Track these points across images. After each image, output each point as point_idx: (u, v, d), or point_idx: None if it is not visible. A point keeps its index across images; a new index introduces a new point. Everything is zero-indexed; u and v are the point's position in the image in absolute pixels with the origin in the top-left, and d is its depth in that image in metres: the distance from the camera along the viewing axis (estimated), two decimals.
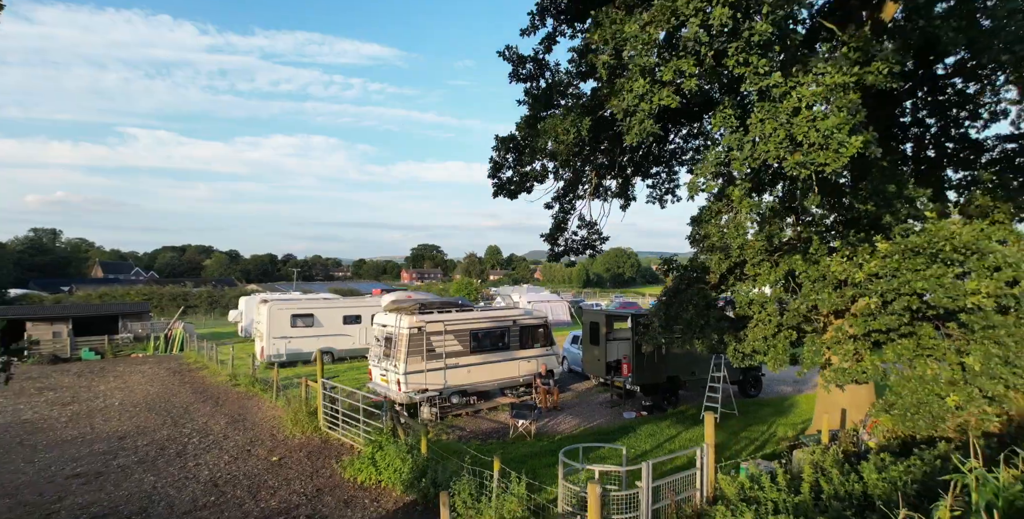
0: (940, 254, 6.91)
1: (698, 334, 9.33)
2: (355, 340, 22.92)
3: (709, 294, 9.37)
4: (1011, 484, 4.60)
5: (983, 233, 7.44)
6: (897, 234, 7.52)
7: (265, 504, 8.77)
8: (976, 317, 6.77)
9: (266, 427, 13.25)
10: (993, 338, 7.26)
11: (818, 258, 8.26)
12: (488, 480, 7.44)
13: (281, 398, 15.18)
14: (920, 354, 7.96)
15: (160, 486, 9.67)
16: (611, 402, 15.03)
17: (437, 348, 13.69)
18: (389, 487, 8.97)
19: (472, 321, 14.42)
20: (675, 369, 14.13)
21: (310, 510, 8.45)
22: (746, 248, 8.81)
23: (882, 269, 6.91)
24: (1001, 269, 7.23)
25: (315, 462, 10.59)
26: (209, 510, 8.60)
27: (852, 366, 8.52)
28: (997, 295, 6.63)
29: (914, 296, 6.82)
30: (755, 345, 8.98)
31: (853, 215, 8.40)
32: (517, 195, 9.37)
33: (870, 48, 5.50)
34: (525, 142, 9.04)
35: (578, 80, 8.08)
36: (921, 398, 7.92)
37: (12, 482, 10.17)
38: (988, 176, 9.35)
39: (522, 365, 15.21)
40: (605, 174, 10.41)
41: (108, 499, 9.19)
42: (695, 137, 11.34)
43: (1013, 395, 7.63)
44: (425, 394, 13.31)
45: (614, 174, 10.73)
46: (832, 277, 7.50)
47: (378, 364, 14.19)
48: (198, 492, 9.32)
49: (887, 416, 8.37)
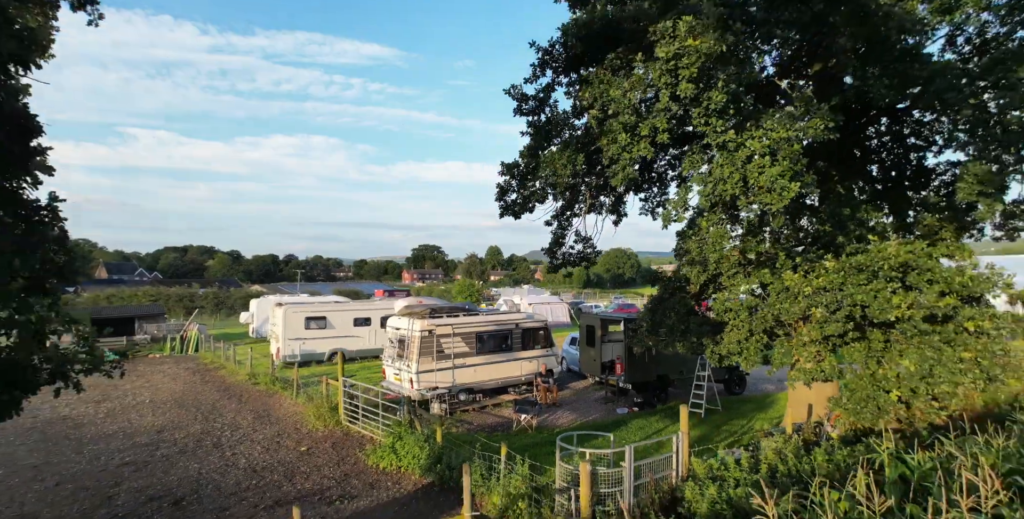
0: (880, 271, 8.15)
1: (680, 337, 10.57)
2: (365, 341, 24.18)
3: (689, 302, 10.63)
4: (924, 463, 5.88)
5: (923, 251, 8.70)
6: (846, 253, 8.75)
7: (300, 486, 10.01)
8: (906, 325, 8.01)
9: (290, 421, 14.50)
10: (929, 343, 8.51)
11: (782, 272, 9.50)
12: (496, 464, 8.68)
13: (302, 395, 16.43)
14: (870, 356, 9.21)
15: (205, 472, 10.92)
16: (605, 399, 16.29)
17: (446, 349, 14.94)
18: (408, 471, 10.23)
19: (478, 324, 15.67)
20: (664, 369, 15.38)
21: (340, 491, 9.70)
22: (722, 262, 10.05)
23: (829, 284, 8.15)
24: (936, 282, 8.50)
25: (340, 452, 11.85)
26: (252, 492, 9.85)
27: (813, 366, 9.77)
28: (928, 306, 7.87)
29: (856, 307, 8.06)
30: (730, 347, 10.20)
31: (814, 235, 9.64)
32: (521, 215, 10.61)
33: (810, 107, 6.71)
34: (527, 169, 10.29)
35: (573, 118, 9.31)
36: (869, 393, 9.16)
37: (69, 470, 11.42)
38: (936, 199, 10.58)
39: (524, 365, 16.46)
40: (599, 194, 11.65)
41: (160, 483, 10.44)
42: (681, 159, 12.58)
43: (962, 391, 8.87)
44: (436, 391, 14.56)
45: (607, 193, 11.96)
46: (792, 289, 8.75)
47: (392, 364, 15.44)
48: (240, 477, 10.58)
49: (841, 409, 9.62)
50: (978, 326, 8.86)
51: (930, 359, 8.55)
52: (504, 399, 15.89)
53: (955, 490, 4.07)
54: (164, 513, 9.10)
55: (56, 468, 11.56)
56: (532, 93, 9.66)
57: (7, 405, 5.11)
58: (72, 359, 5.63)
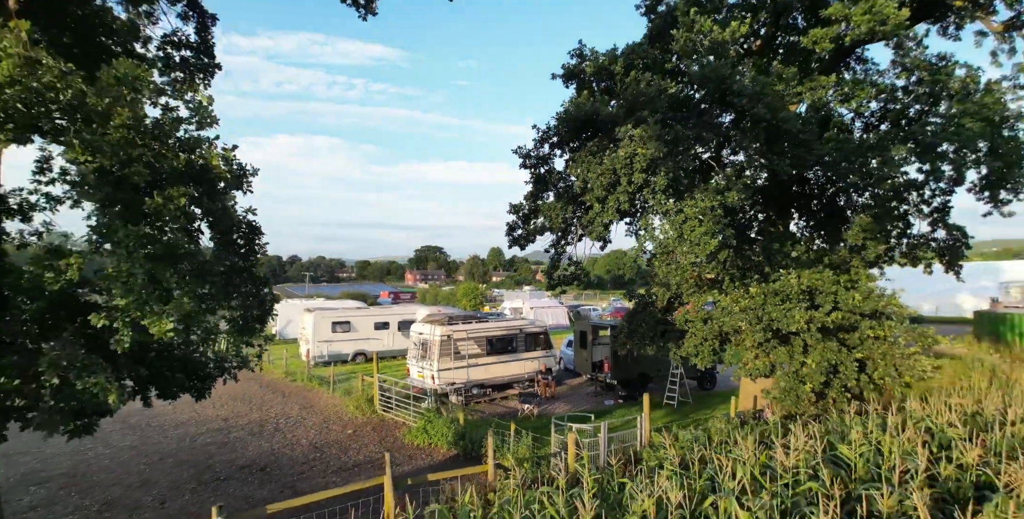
0: (791, 294, 11.02)
1: (650, 342, 13.46)
2: (384, 343, 27.09)
3: (657, 315, 13.50)
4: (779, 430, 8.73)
5: (829, 278, 11.57)
6: (771, 280, 11.61)
7: (354, 458, 12.91)
8: (805, 335, 10.87)
9: (332, 411, 17.40)
10: (829, 348, 11.37)
11: (727, 292, 12.37)
12: (507, 438, 11.56)
13: (338, 390, 19.35)
14: (791, 357, 12.07)
15: (276, 449, 13.83)
16: (595, 393, 19.18)
17: (462, 351, 17.83)
18: (437, 447, 13.12)
19: (488, 330, 18.57)
20: (644, 368, 18.26)
21: (361, 482, 12.57)
22: (683, 284, 12.93)
23: (752, 304, 11.01)
24: (836, 302, 11.37)
25: (379, 433, 14.75)
26: (317, 462, 12.75)
27: (751, 365, 12.63)
28: (820, 320, 10.73)
29: (772, 321, 10.92)
30: (688, 350, 13.06)
31: (752, 263, 12.52)
32: (526, 246, 13.51)
33: (730, 183, 9.53)
34: (530, 210, 13.19)
35: (565, 175, 12.13)
36: (791, 386, 12.03)
37: (164, 449, 14.33)
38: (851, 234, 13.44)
39: (527, 364, 19.35)
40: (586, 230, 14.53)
41: (243, 457, 13.35)
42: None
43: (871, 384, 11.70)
44: (453, 386, 17.45)
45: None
46: (728, 308, 11.61)
47: (416, 363, 18.34)
48: (305, 451, 13.49)
49: (772, 398, 12.48)
50: (877, 334, 11.78)
51: (832, 359, 11.42)
52: (510, 393, 18.79)
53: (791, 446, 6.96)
54: (256, 477, 12.00)
55: (153, 448, 14.47)
56: (534, 154, 12.56)
57: (200, 390, 7.99)
58: (228, 358, 8.51)
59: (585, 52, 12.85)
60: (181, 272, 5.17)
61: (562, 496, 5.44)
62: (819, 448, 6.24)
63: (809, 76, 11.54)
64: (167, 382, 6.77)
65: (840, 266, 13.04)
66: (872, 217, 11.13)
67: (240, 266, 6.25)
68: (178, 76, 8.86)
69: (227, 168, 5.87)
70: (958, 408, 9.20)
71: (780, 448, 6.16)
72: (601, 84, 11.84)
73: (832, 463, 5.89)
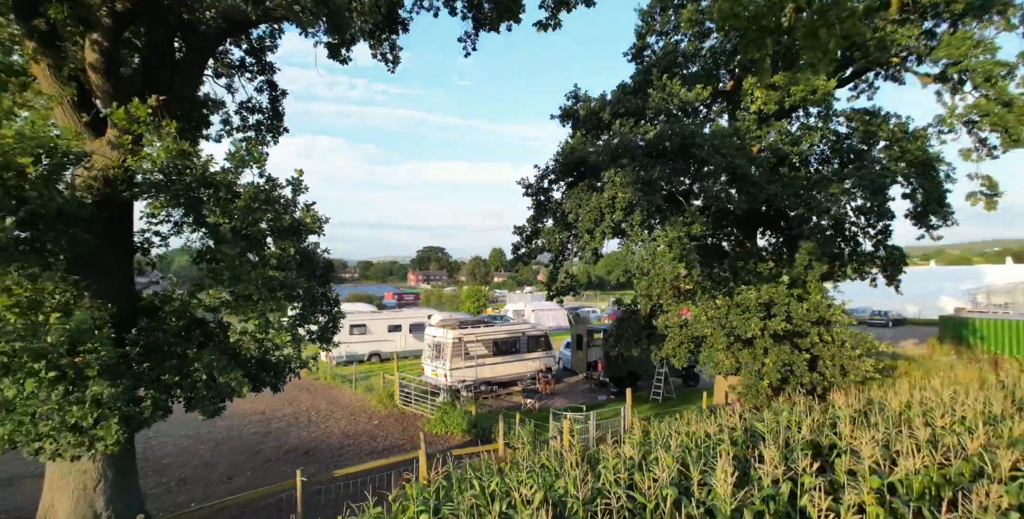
0: (750, 306, 13.25)
1: (635, 345, 15.70)
2: (396, 345, 29.34)
3: (641, 321, 15.74)
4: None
5: (784, 292, 13.79)
6: (736, 294, 13.83)
7: (382, 444, 15.17)
8: (760, 340, 13.09)
9: (357, 406, 19.66)
10: (784, 351, 13.58)
11: (699, 303, 14.60)
12: (513, 426, 13.79)
13: (359, 386, 21.61)
14: (753, 358, 14.30)
15: (314, 436, 16.09)
16: (590, 389, 21.43)
17: (471, 352, 20.07)
18: (453, 434, 15.37)
19: (494, 333, 20.81)
20: (633, 367, 20.49)
21: (410, 446, 14.83)
22: (662, 295, 15.16)
23: (717, 314, 13.24)
24: (791, 312, 13.59)
25: (402, 424, 17.01)
26: (351, 447, 15.00)
27: (721, 364, 14.87)
28: (772, 328, 12.95)
29: (733, 328, 13.14)
30: (667, 351, 15.31)
31: (720, 279, 14.75)
32: (530, 262, 15.75)
33: (695, 217, 11.72)
34: (531, 232, 15.44)
35: (562, 203, 14.34)
36: (752, 382, 14.26)
37: (216, 438, 16.59)
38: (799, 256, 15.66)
39: (529, 364, 21.58)
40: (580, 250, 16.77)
41: (287, 443, 15.61)
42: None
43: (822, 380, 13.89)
44: (463, 383, 19.69)
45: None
46: (698, 317, 13.84)
47: (430, 363, 20.59)
48: (339, 439, 15.75)
49: (737, 393, 14.71)
50: (824, 339, 14.04)
51: (786, 360, 13.66)
52: (514, 389, 21.03)
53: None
54: (301, 459, 14.26)
55: (206, 436, 16.73)
56: (536, 186, 14.81)
57: (275, 386, 10.21)
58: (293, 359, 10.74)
59: (580, 94, 15.12)
60: (291, 298, 7.43)
61: (556, 458, 7.67)
62: (743, 426, 8.47)
63: (767, 122, 13.79)
64: (260, 379, 9.01)
65: (797, 281, 15.29)
66: (816, 242, 13.35)
67: (321, 293, 8.50)
68: (250, 135, 11.12)
69: (313, 222, 8.13)
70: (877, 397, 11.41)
71: (714, 425, 8.39)
72: (591, 130, 14.10)
73: (749, 434, 8.11)
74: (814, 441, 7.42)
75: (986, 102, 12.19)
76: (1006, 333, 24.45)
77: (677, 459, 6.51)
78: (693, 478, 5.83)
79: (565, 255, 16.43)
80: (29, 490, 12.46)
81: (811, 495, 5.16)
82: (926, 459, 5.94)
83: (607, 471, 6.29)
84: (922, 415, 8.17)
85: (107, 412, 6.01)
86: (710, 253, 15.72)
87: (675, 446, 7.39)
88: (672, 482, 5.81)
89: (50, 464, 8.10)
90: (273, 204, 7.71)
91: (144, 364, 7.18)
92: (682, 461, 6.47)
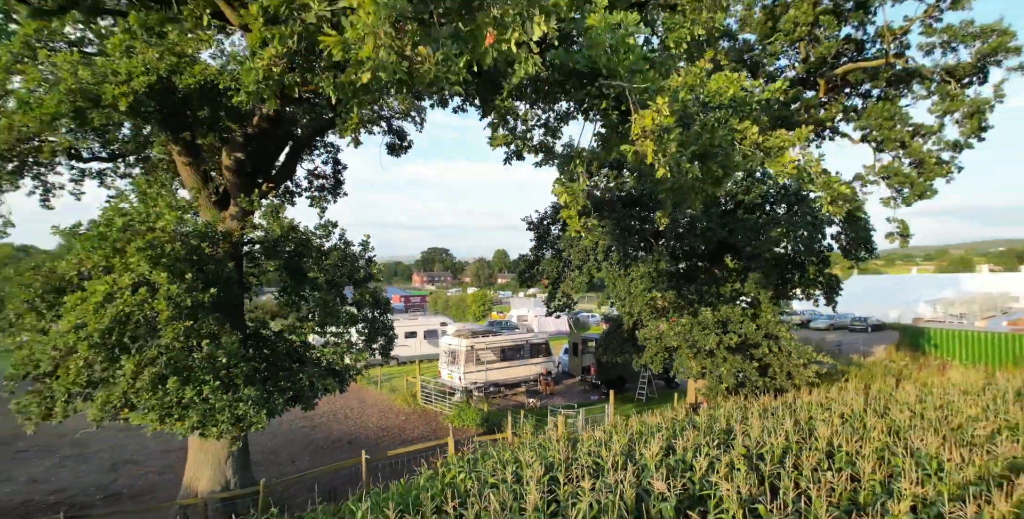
0: (709, 325, 16.47)
1: (619, 353, 18.96)
2: (413, 350, 32.65)
3: (624, 334, 18.98)
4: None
5: (740, 312, 17.02)
6: (698, 314, 17.03)
7: (411, 435, 18.44)
8: (717, 351, 16.31)
9: (383, 404, 22.94)
10: (737, 361, 16.79)
11: (669, 319, 17.82)
12: (518, 420, 17.03)
13: (385, 387, 24.91)
14: (715, 366, 17.53)
15: (352, 430, 19.39)
16: (584, 390, 24.68)
17: (482, 358, 23.34)
18: (469, 427, 18.64)
19: (502, 342, 24.08)
20: (621, 371, 23.72)
21: (434, 437, 18.09)
22: (641, 313, 18.41)
23: (683, 330, 16.46)
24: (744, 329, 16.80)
25: (425, 419, 20.29)
26: (387, 438, 18.28)
27: (689, 370, 18.10)
28: (727, 343, 16.17)
29: (695, 342, 16.35)
30: (646, 359, 18.55)
31: (688, 300, 17.98)
32: (532, 286, 19.00)
33: (661, 255, 14.89)
34: (534, 259, 18.73)
35: (558, 239, 17.59)
36: (714, 385, 17.49)
37: (271, 431, 19.80)
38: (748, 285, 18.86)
39: (532, 368, 24.84)
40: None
41: (332, 435, 18.90)
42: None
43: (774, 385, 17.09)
44: (475, 385, 22.97)
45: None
46: (667, 333, 17.05)
47: (447, 367, 23.88)
48: (375, 431, 19.04)
49: (702, 394, 17.94)
50: (773, 350, 17.27)
51: (740, 368, 16.88)
52: (519, 390, 24.30)
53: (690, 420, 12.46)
54: (346, 447, 17.54)
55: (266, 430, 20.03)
56: (536, 223, 18.08)
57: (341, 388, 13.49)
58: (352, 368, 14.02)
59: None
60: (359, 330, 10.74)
61: (549, 440, 10.90)
62: (685, 419, 11.70)
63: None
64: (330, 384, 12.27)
65: (752, 302, 18.50)
66: (763, 273, 16.57)
67: (382, 322, 11.78)
68: (315, 193, 14.40)
69: (377, 273, 11.41)
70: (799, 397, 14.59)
71: (662, 419, 11.63)
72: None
73: (692, 426, 11.32)
74: (728, 428, 10.65)
75: (895, 163, 15.36)
76: (955, 342, 27.56)
77: (630, 439, 9.75)
78: (636, 450, 9.07)
79: (562, 278, 19.72)
80: (129, 473, 15.84)
81: (711, 458, 8.38)
82: (790, 439, 9.17)
83: (581, 445, 9.54)
84: (808, 410, 11.40)
85: (258, 407, 9.29)
86: (682, 277, 18.93)
87: (631, 431, 10.64)
88: (623, 452, 9.05)
89: (192, 446, 11.43)
90: (351, 261, 11.00)
91: (265, 374, 10.48)
92: (631, 440, 9.72)
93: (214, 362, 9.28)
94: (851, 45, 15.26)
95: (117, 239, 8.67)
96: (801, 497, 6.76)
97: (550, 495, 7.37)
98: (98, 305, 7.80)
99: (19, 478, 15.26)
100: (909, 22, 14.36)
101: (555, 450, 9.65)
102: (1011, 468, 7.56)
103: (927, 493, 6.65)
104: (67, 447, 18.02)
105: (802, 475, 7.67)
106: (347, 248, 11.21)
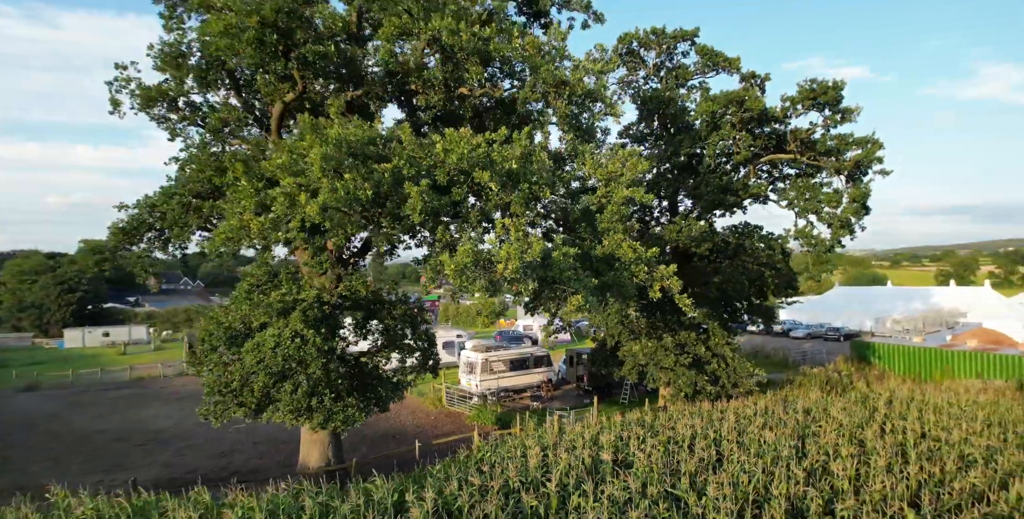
0: (671, 346, 21.62)
1: (604, 367, 24.15)
2: None
3: (607, 351, 24.14)
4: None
5: (694, 338, 22.19)
6: (662, 338, 22.15)
7: (440, 431, 23.66)
8: (677, 367, 21.44)
9: (414, 406, 28.19)
10: (692, 375, 21.94)
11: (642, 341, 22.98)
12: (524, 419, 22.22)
13: (413, 392, 30.18)
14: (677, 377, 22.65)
15: (391, 426, 24.64)
16: (579, 395, 29.85)
17: (494, 368, 28.56)
18: (486, 424, 23.84)
19: (511, 355, 29.31)
20: (610, 379, 28.84)
21: (459, 433, 23.32)
22: (620, 335, 23.58)
23: (652, 351, 21.55)
24: (696, 351, 21.98)
25: (450, 418, 25.52)
26: (422, 433, 23.50)
27: (658, 380, 23.23)
28: (684, 360, 21.32)
29: (659, 359, 21.45)
30: (625, 371, 23.70)
31: (655, 326, 23.14)
32: (535, 314, 24.18)
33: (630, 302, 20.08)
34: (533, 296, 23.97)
35: None
36: (675, 392, 22.60)
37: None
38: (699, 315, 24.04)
39: (535, 376, 30.04)
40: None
41: (378, 431, 24.14)
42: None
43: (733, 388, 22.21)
44: (489, 391, 28.20)
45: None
46: (639, 351, 22.17)
47: (465, 376, 29.14)
48: (411, 427, 24.30)
49: (667, 400, 23.07)
50: (721, 366, 22.43)
51: (694, 379, 22.01)
52: (525, 395, 29.52)
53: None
54: (392, 440, 22.78)
55: None
56: None
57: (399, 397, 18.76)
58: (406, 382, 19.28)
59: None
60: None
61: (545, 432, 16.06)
62: (648, 419, 16.87)
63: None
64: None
65: (706, 329, 23.64)
66: (710, 308, 21.67)
67: (431, 350, 17.00)
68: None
69: (428, 319, 16.68)
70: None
71: (623, 418, 16.81)
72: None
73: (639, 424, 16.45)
74: (669, 425, 15.81)
75: (808, 227, 20.46)
76: (895, 355, 32.51)
77: (599, 431, 14.95)
78: (600, 437, 14.25)
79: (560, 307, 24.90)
80: (235, 459, 21.17)
81: (648, 444, 13.49)
82: (698, 432, 14.32)
83: (566, 435, 14.74)
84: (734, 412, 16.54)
85: (358, 410, 14.51)
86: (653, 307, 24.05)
87: (601, 426, 15.83)
88: (591, 438, 14.23)
89: (304, 436, 16.68)
90: (410, 307, 16.26)
91: (359, 387, 15.71)
92: (600, 431, 14.92)
93: (330, 380, 14.53)
94: (772, 141, 20.28)
95: (270, 304, 13.95)
96: (683, 462, 11.93)
97: (543, 462, 12.56)
98: (271, 349, 13.05)
99: (156, 463, 20.62)
100: (814, 127, 19.40)
101: (548, 437, 14.85)
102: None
103: (749, 465, 11.81)
104: (178, 440, 23.41)
105: (694, 454, 12.82)
106: (407, 300, 16.47)
